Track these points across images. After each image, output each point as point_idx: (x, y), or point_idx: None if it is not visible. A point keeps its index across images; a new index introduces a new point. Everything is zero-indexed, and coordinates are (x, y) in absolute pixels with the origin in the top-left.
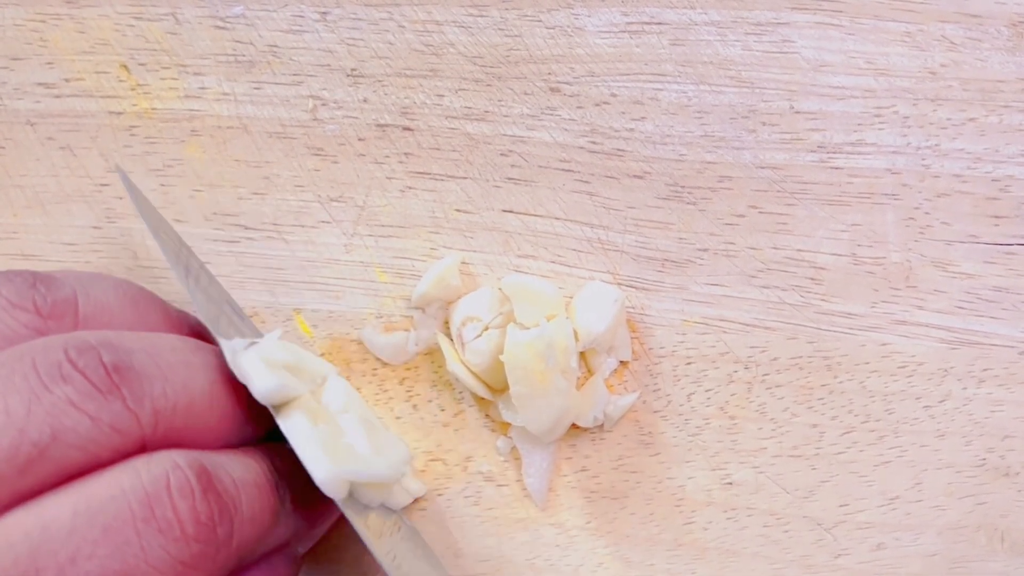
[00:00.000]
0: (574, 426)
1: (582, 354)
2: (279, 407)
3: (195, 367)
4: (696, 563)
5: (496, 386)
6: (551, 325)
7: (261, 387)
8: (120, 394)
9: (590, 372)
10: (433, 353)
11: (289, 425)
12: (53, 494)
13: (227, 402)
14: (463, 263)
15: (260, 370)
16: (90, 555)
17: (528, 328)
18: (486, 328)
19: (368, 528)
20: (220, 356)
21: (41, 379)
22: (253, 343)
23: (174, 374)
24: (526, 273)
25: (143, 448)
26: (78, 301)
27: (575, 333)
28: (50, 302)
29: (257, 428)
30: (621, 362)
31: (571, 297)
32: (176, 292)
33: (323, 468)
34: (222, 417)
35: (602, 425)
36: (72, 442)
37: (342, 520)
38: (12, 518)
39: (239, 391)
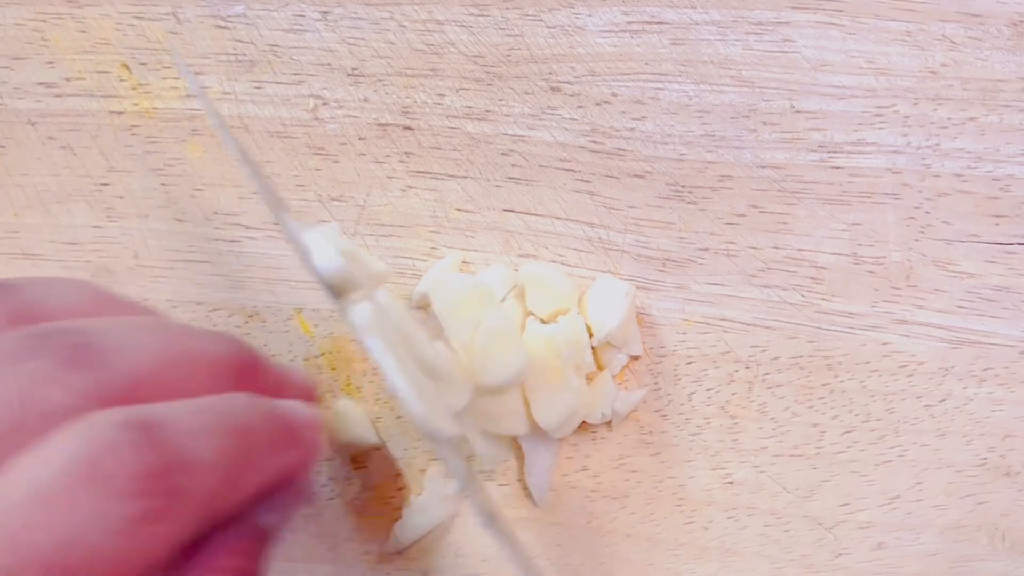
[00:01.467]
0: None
1: (593, 349)
2: (342, 293)
3: (162, 331)
4: (696, 562)
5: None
6: (568, 321)
7: (324, 264)
8: (88, 363)
9: (599, 367)
10: None
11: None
12: (8, 466)
13: (191, 370)
14: (464, 262)
15: (324, 248)
16: (43, 524)
17: (542, 318)
18: (502, 300)
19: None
20: (182, 327)
21: (5, 358)
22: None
23: (138, 339)
24: (541, 261)
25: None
26: (39, 304)
27: (588, 328)
28: (10, 310)
29: (243, 387)
30: (631, 357)
31: (582, 292)
32: (174, 291)
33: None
34: (185, 385)
35: (610, 422)
36: (43, 410)
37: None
38: None
39: (214, 352)
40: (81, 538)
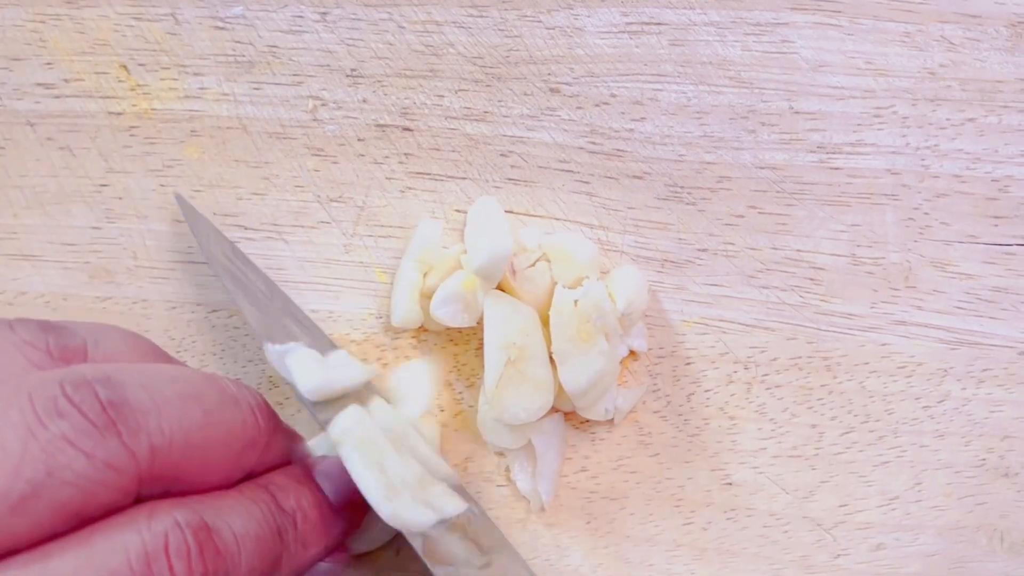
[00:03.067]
0: (582, 421)
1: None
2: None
3: (193, 398)
4: (695, 563)
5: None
6: (592, 285)
7: (305, 384)
8: (116, 430)
9: None
10: (432, 354)
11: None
12: (55, 545)
13: (227, 434)
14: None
15: (308, 367)
16: None
17: (568, 287)
18: (538, 259)
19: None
20: (219, 384)
21: (37, 414)
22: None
23: (171, 408)
24: (569, 229)
25: (139, 483)
26: (87, 349)
27: (612, 297)
28: (61, 346)
29: (260, 456)
30: (631, 351)
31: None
32: (174, 292)
33: (383, 503)
34: (222, 449)
35: (611, 420)
36: (68, 479)
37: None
38: (15, 568)
39: (240, 420)
40: None
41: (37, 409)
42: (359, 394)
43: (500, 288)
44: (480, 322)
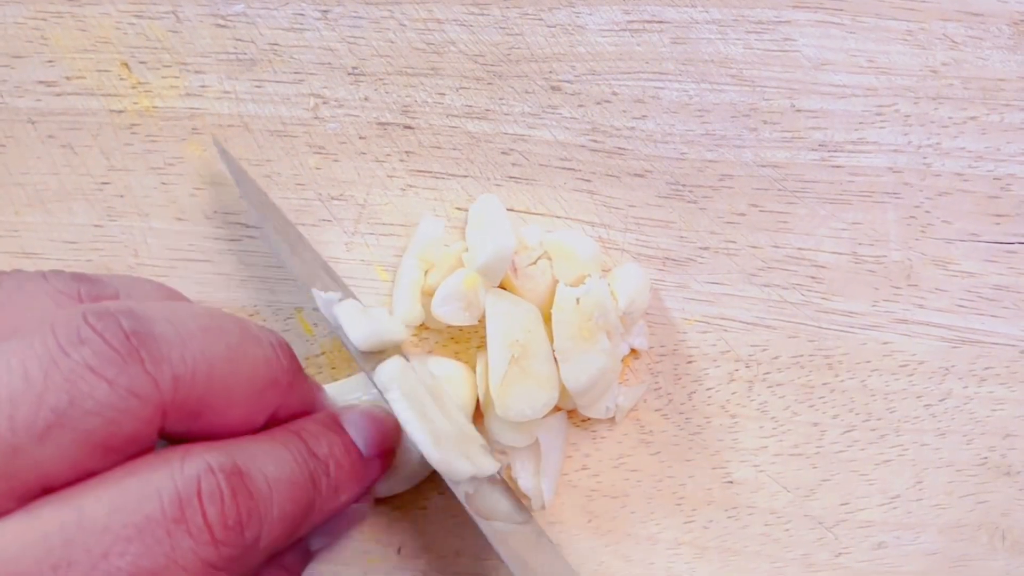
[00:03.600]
0: (583, 419)
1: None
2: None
3: (216, 333)
4: (697, 562)
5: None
6: (593, 283)
7: (357, 335)
8: (139, 357)
9: None
10: (433, 352)
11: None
12: (89, 485)
13: (250, 369)
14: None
15: (356, 316)
16: (122, 552)
17: (569, 284)
18: (539, 257)
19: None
20: (243, 323)
21: (60, 344)
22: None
23: (194, 340)
24: (569, 228)
25: (163, 415)
26: (119, 297)
27: (613, 295)
28: (93, 294)
29: (282, 398)
30: (632, 350)
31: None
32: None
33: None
34: (243, 385)
35: (613, 418)
36: (90, 408)
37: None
38: (48, 508)
39: (262, 357)
40: (162, 572)
41: (60, 338)
42: (397, 351)
43: (501, 287)
44: (481, 320)
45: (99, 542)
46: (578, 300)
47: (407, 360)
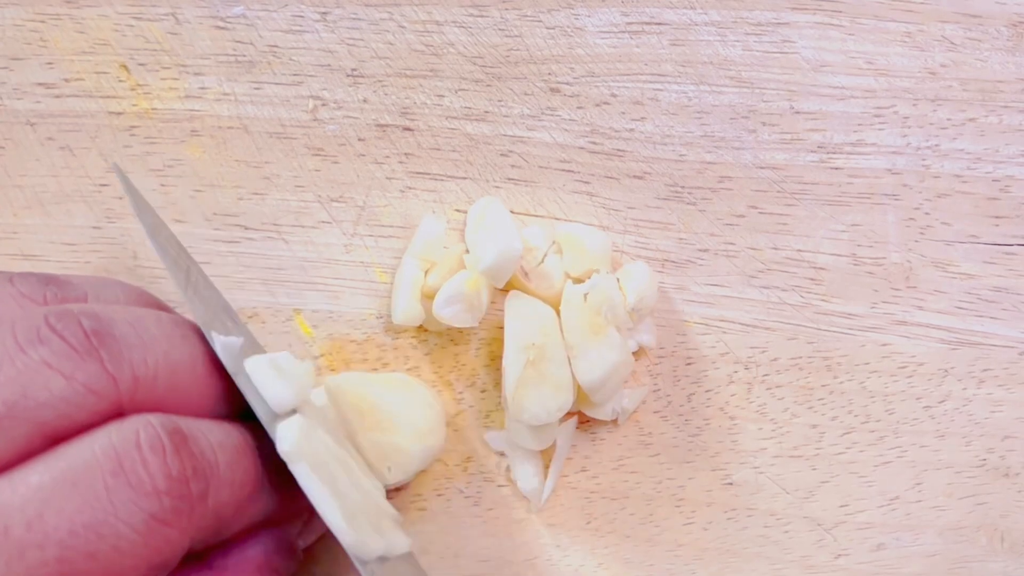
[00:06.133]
0: (583, 421)
1: None
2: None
3: (178, 340)
4: (696, 563)
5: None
6: (601, 278)
7: (273, 395)
8: (97, 356)
9: None
10: (433, 353)
11: (300, 472)
12: (28, 462)
13: (209, 378)
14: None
15: (271, 377)
16: (58, 509)
17: (578, 277)
18: (545, 254)
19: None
20: (203, 335)
21: (18, 343)
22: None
23: (156, 344)
24: (579, 222)
25: (120, 413)
26: (88, 300)
27: (622, 291)
28: (60, 298)
29: (238, 407)
30: (639, 347)
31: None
32: (174, 292)
33: (345, 532)
34: (203, 391)
35: (616, 420)
36: (43, 400)
37: None
38: None
39: (220, 369)
40: (102, 525)
41: (19, 338)
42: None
43: (510, 286)
44: (482, 323)
45: (32, 502)
46: (585, 296)
47: (305, 420)
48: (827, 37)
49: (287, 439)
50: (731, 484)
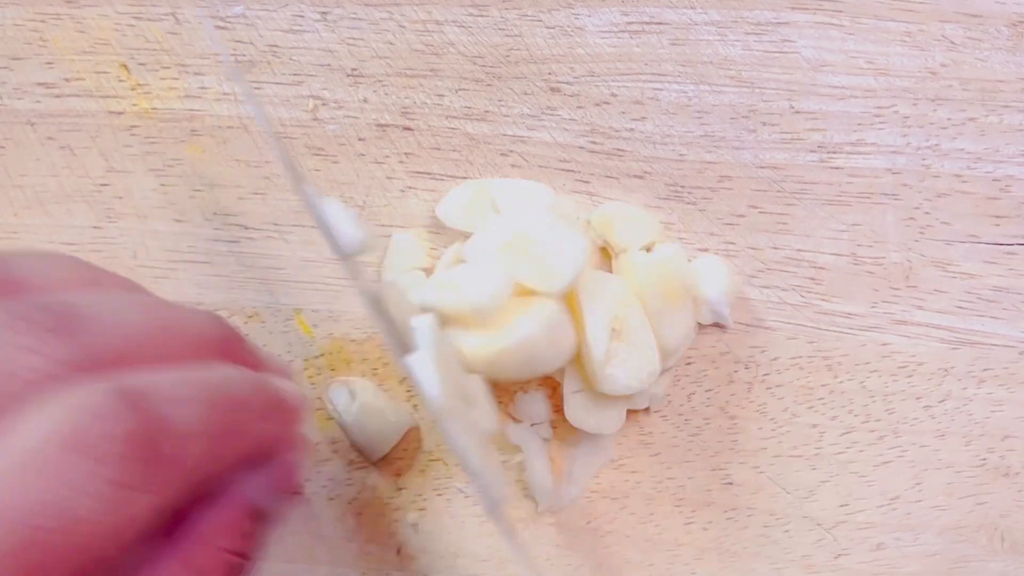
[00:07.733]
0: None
1: None
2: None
3: (141, 309)
4: (696, 563)
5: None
6: (666, 246)
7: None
8: (50, 327)
9: None
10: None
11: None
12: None
13: (174, 342)
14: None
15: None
16: (26, 489)
17: (624, 250)
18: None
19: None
20: (166, 303)
21: None
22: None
23: (125, 315)
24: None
25: (70, 380)
26: (24, 276)
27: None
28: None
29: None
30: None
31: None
32: (174, 291)
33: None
34: (168, 356)
35: (647, 408)
36: (25, 378)
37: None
38: None
39: (188, 333)
40: (65, 502)
41: None
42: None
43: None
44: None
45: None
46: (656, 264)
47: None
48: (827, 37)
49: (422, 330)
50: (731, 484)
